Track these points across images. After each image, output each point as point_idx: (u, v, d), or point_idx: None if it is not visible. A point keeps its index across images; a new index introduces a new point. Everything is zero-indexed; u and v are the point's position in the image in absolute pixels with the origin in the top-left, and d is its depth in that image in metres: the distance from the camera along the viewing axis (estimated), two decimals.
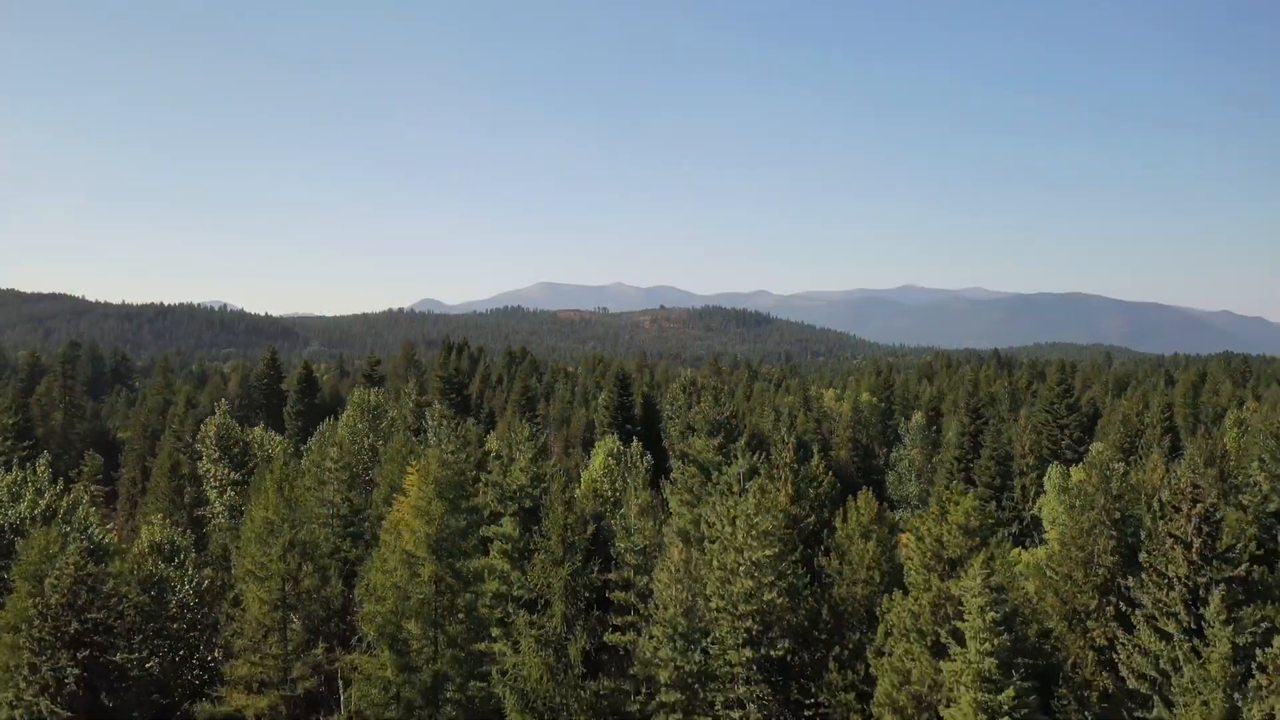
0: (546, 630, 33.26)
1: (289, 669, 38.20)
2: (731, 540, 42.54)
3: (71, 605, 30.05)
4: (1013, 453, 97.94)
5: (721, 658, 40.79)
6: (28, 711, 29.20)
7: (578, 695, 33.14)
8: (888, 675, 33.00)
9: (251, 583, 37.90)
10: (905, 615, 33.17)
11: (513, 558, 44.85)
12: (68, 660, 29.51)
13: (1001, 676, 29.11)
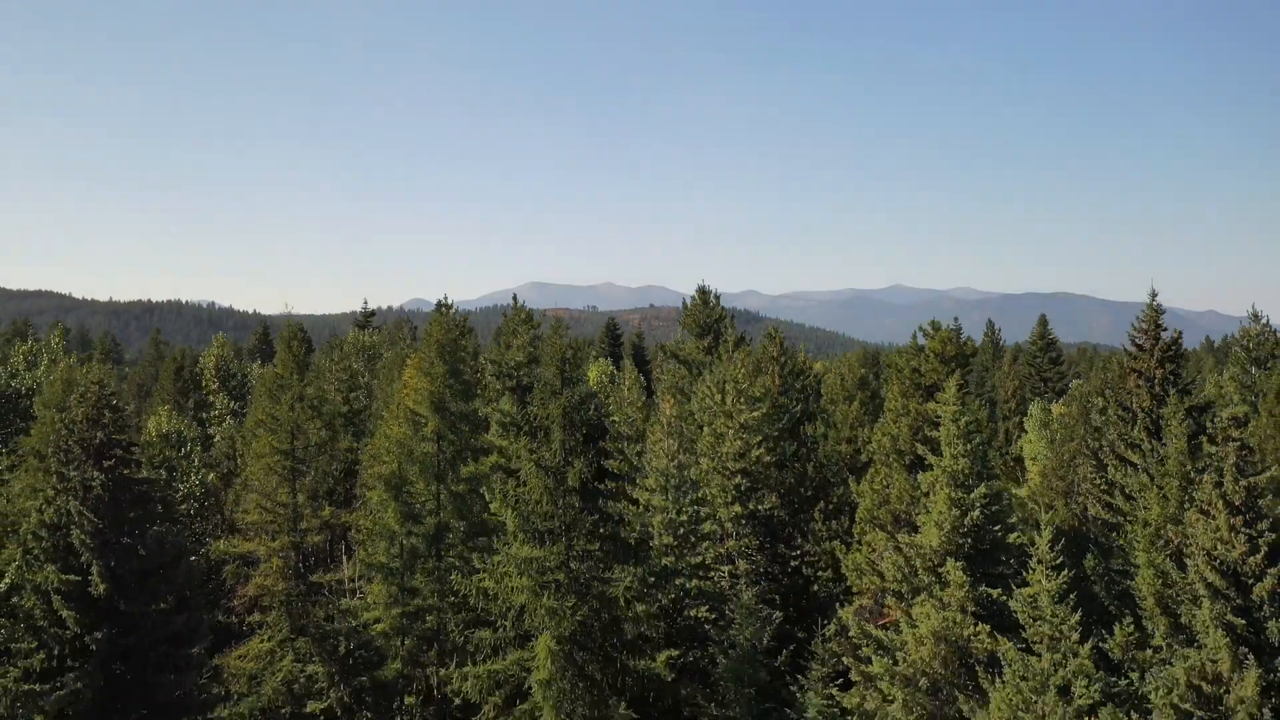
0: (545, 456, 34.97)
1: (298, 519, 39.86)
2: (720, 406, 44.46)
3: (96, 421, 31.67)
4: (996, 399, 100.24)
5: (711, 516, 42.65)
6: (57, 513, 30.80)
7: (577, 519, 34.85)
8: (868, 497, 34.89)
9: (262, 431, 39.65)
10: (885, 440, 35.09)
11: (511, 434, 46.57)
12: (93, 469, 31.13)
13: (973, 480, 31.02)
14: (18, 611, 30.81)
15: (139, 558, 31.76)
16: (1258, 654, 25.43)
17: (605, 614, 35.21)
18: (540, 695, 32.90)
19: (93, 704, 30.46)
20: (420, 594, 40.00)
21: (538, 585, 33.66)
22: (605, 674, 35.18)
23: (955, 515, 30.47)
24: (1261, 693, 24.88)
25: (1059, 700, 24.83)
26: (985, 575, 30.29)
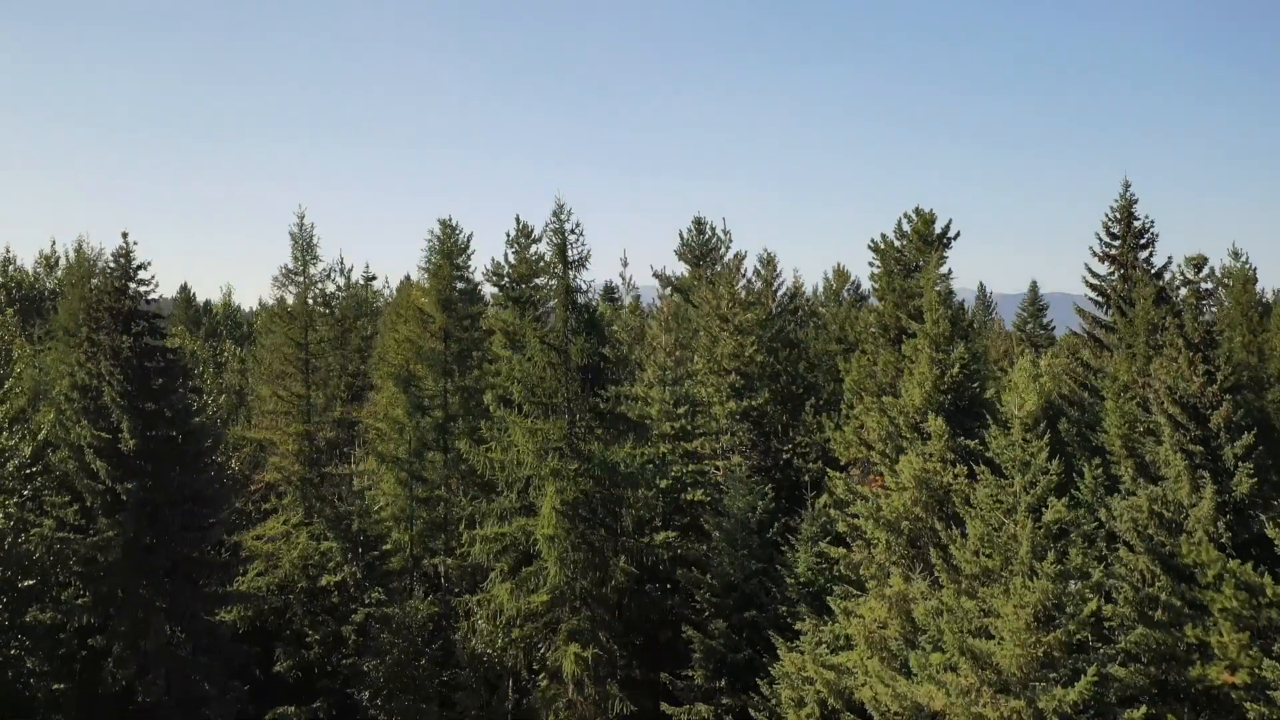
0: (548, 334, 36.84)
1: (311, 412, 41.68)
2: (716, 309, 46.33)
3: (122, 290, 33.43)
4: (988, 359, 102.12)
5: (706, 410, 44.56)
6: (89, 374, 32.60)
7: (579, 396, 36.75)
8: (855, 371, 36.75)
9: (277, 323, 41.47)
10: (870, 317, 36.98)
11: (514, 343, 48.41)
12: (121, 335, 32.89)
13: (952, 344, 32.90)
14: (52, 467, 32.63)
15: (165, 420, 33.54)
16: (1214, 477, 27.30)
17: (606, 483, 37.13)
18: (545, 550, 34.81)
19: (122, 555, 32.27)
20: (428, 482, 41.86)
21: (542, 450, 35.53)
22: (606, 544, 37.11)
23: (935, 374, 32.33)
24: (1217, 509, 26.79)
25: (1029, 519, 26.58)
26: (964, 429, 32.12)
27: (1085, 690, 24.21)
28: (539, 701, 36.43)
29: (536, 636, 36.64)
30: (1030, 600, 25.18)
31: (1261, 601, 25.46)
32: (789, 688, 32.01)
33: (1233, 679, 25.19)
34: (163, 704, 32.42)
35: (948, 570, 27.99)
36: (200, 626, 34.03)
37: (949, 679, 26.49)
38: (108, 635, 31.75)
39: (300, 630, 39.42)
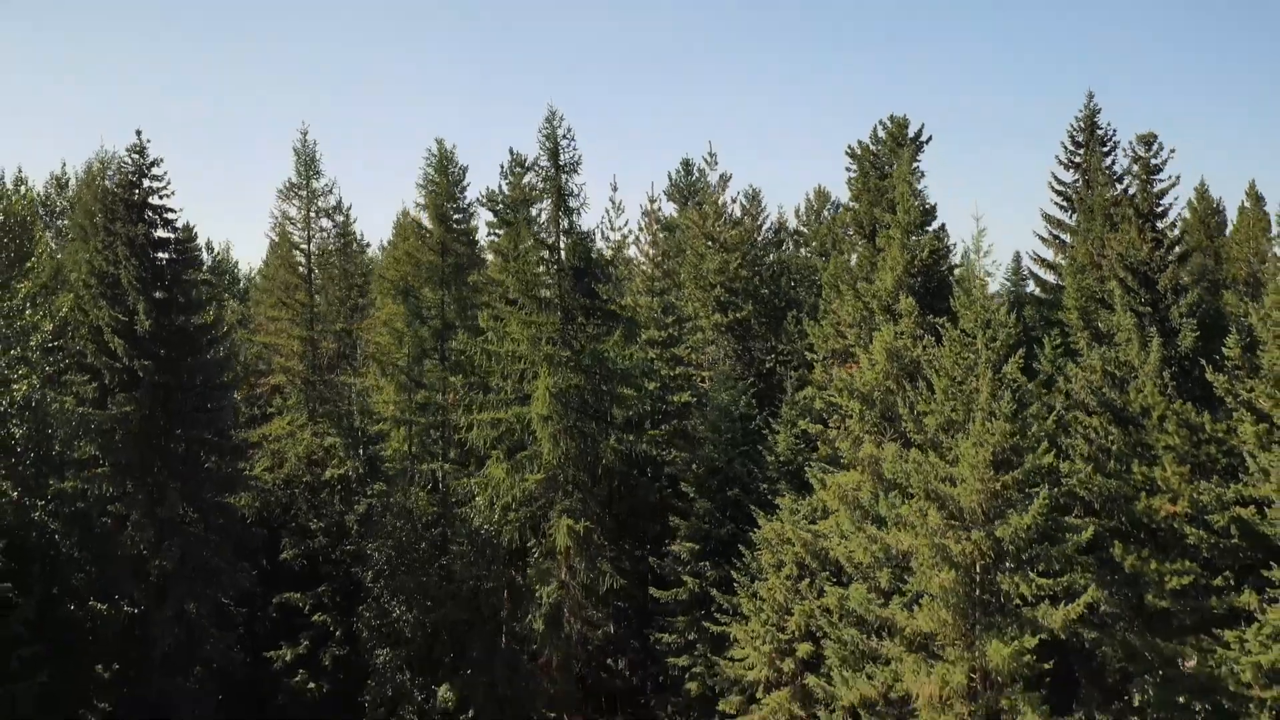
0: (540, 232, 38.83)
1: (314, 321, 43.52)
2: (702, 227, 48.30)
3: (137, 184, 35.20)
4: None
5: (694, 325, 46.54)
6: (106, 260, 34.39)
7: (572, 293, 38.73)
8: (831, 267, 38.80)
9: (281, 234, 43.29)
10: (847, 215, 39.01)
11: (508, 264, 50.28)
12: (137, 223, 34.68)
13: (922, 230, 34.97)
14: (70, 346, 34.43)
15: (177, 306, 35.37)
16: (1161, 333, 29.40)
17: (597, 377, 39.09)
18: (539, 430, 36.78)
19: (138, 431, 34.11)
20: (427, 388, 43.65)
21: (536, 339, 37.47)
22: (597, 432, 39.05)
23: (906, 259, 34.40)
24: (1163, 361, 28.89)
25: (989, 369, 28.59)
26: (933, 310, 34.15)
27: (1038, 515, 26.27)
28: (534, 578, 38.43)
29: (531, 518, 38.60)
30: (990, 441, 27.22)
31: (1201, 438, 27.62)
32: (769, 552, 34.03)
33: (1175, 509, 27.32)
34: (178, 573, 34.28)
35: (914, 422, 30.05)
36: (211, 505, 35.87)
37: (915, 519, 28.52)
38: (125, 503, 33.60)
39: (305, 523, 41.27)
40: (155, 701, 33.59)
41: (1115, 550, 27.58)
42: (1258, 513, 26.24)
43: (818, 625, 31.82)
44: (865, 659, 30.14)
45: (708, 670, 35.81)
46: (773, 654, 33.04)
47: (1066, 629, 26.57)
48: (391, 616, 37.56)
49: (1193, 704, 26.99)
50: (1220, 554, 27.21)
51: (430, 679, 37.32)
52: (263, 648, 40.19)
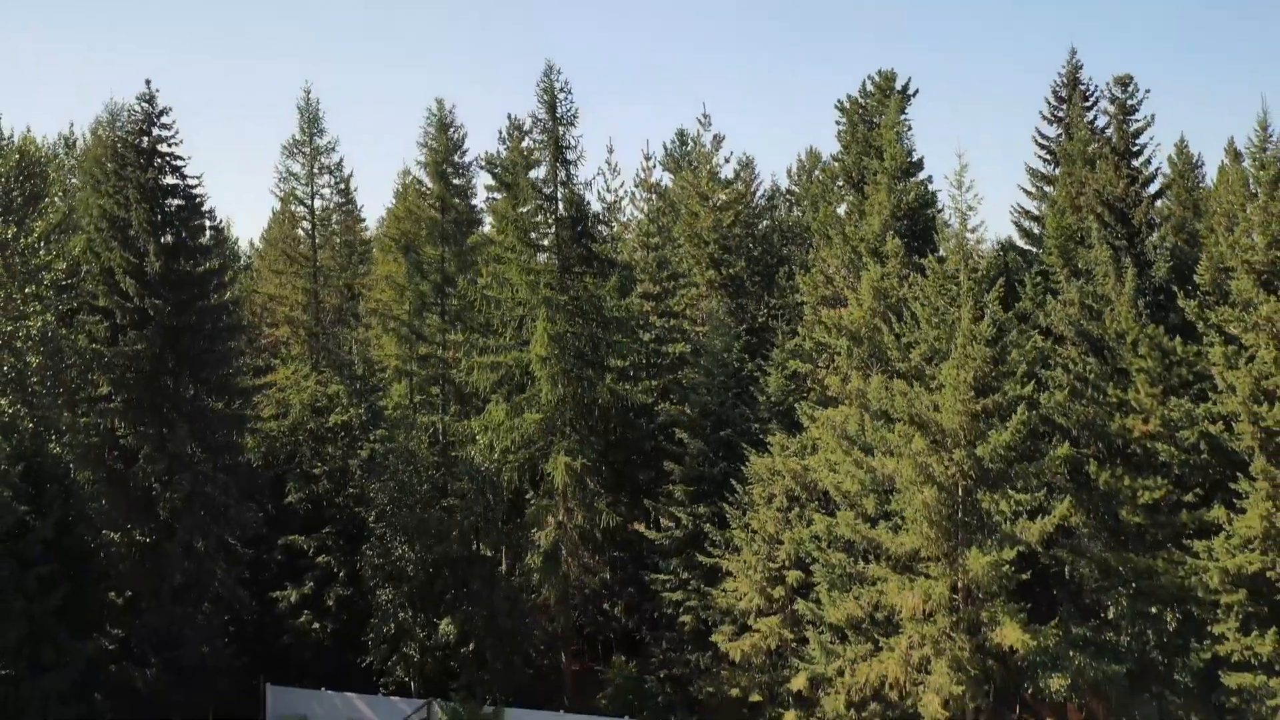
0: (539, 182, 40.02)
1: (316, 275, 44.61)
2: (696, 187, 49.44)
3: (146, 131, 36.25)
4: None
5: (688, 281, 47.69)
6: (116, 203, 35.47)
7: (568, 241, 39.87)
8: (821, 215, 39.95)
9: (284, 188, 44.45)
10: (835, 166, 40.20)
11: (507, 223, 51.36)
12: (147, 169, 35.75)
13: (909, 176, 36.16)
14: (82, 286, 35.49)
15: (185, 250, 36.42)
16: (1136, 265, 30.62)
17: (594, 325, 40.23)
18: (538, 369, 37.93)
19: (149, 370, 35.17)
20: (427, 340, 44.73)
21: (534, 284, 38.60)
22: (594, 377, 40.17)
23: (893, 203, 35.57)
24: (1137, 290, 30.10)
25: (970, 298, 29.71)
26: (919, 252, 35.34)
27: (1017, 432, 27.49)
28: (532, 517, 39.58)
29: (530, 460, 39.74)
30: (971, 365, 28.43)
31: (1172, 360, 28.82)
32: (760, 486, 35.19)
33: (1147, 428, 28.57)
34: (187, 509, 35.35)
35: (899, 351, 31.24)
36: (219, 444, 36.91)
37: (900, 443, 29.72)
38: (137, 438, 34.64)
39: (309, 469, 42.35)
40: (166, 632, 34.68)
41: (1090, 468, 28.79)
42: (1225, 429, 27.46)
43: (807, 552, 32.98)
44: (852, 581, 31.32)
45: (701, 604, 36.93)
46: (763, 582, 34.21)
47: (1043, 541, 27.81)
48: (394, 555, 38.63)
49: (1164, 613, 28.23)
50: (1191, 470, 28.46)
51: (432, 614, 38.41)
52: (268, 589, 41.26)
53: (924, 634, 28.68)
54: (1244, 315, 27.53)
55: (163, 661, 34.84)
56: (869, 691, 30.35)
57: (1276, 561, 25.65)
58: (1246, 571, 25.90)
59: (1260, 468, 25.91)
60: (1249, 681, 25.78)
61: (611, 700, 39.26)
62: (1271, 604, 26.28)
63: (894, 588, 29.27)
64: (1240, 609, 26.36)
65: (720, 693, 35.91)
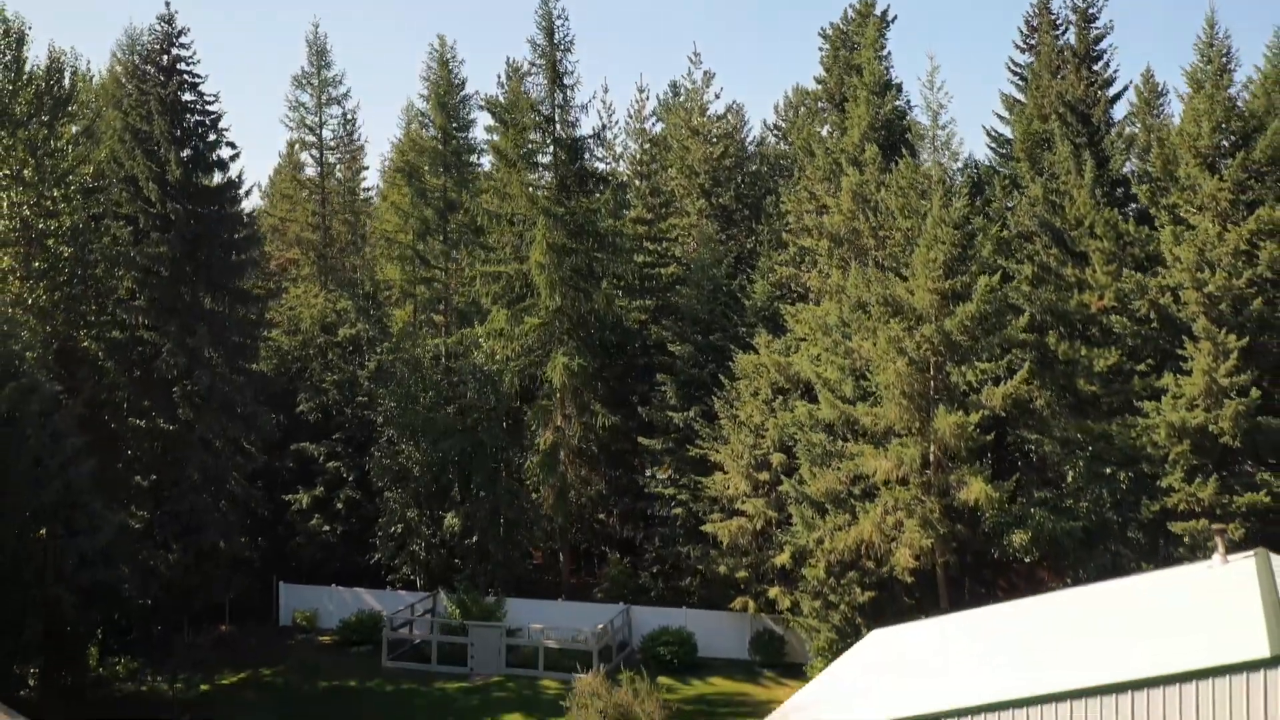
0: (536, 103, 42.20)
1: (325, 199, 46.71)
2: (687, 121, 51.61)
3: (166, 50, 38.33)
4: None
5: (680, 209, 49.89)
6: (139, 115, 37.56)
7: (564, 161, 42.07)
8: (803, 132, 42.13)
9: (293, 114, 46.60)
10: (819, 89, 42.39)
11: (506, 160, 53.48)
12: (167, 84, 37.82)
13: (886, 91, 38.35)
14: (107, 196, 37.60)
15: (203, 164, 38.55)
16: (1095, 160, 32.86)
17: (590, 241, 42.38)
18: (537, 275, 40.11)
19: (171, 272, 37.29)
20: (430, 263, 46.89)
21: (533, 197, 40.78)
22: (591, 287, 42.29)
23: (871, 114, 37.75)
24: (1095, 181, 32.36)
25: (941, 185, 31.90)
26: (896, 161, 37.50)
27: (982, 302, 29.74)
28: (532, 420, 41.77)
29: (530, 367, 41.91)
30: (941, 249, 30.67)
31: (1125, 241, 31.08)
32: (746, 382, 37.40)
33: (1102, 303, 30.81)
34: (206, 405, 37.48)
35: (874, 238, 33.47)
36: (235, 346, 39.04)
37: (877, 325, 31.94)
38: (159, 335, 36.76)
39: (318, 381, 44.47)
40: (187, 519, 36.83)
41: (1050, 340, 31.04)
42: (1174, 300, 29.72)
43: (790, 435, 35.21)
44: (831, 457, 33.52)
45: (692, 497, 39.11)
46: (750, 468, 36.42)
47: (1006, 407, 30.07)
48: (401, 456, 40.80)
49: (1117, 474, 30.50)
50: (1142, 342, 30.73)
51: (437, 509, 40.61)
52: (281, 494, 43.43)
53: (897, 498, 30.91)
54: (1190, 196, 29.77)
55: (183, 547, 37.03)
56: (847, 557, 32.55)
57: (1218, 415, 27.90)
58: (1190, 425, 28.13)
59: (1202, 327, 28.15)
60: (1194, 527, 28.02)
61: (607, 594, 41.55)
62: (1212, 454, 28.56)
63: (870, 455, 31.48)
64: (1185, 461, 28.60)
65: (710, 574, 38.14)
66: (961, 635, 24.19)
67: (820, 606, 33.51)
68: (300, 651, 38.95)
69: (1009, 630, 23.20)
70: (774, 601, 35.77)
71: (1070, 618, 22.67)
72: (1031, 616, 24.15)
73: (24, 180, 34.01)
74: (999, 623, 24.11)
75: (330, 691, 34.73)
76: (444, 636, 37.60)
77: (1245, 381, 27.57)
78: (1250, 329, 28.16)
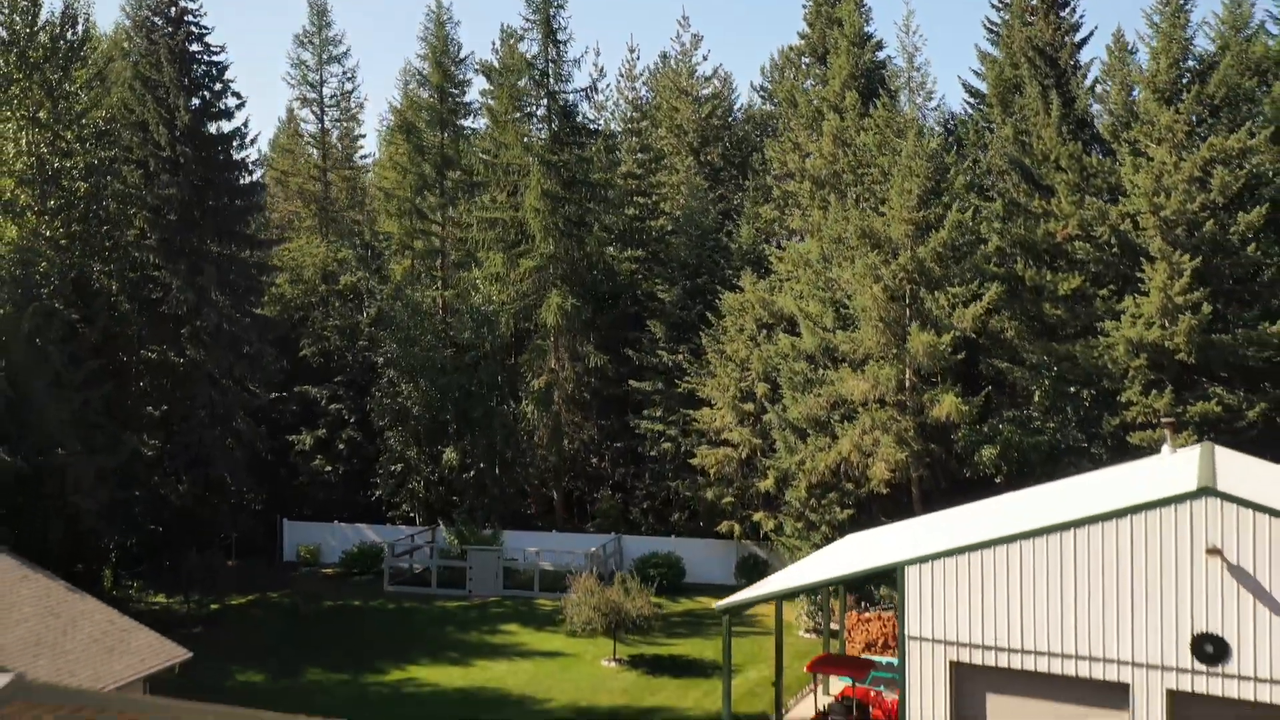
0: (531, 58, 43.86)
1: (327, 154, 48.22)
2: (676, 83, 53.25)
3: (170, 4, 39.83)
4: None
5: (670, 166, 51.54)
6: (148, 64, 39.07)
7: (559, 113, 43.72)
8: (786, 85, 43.84)
9: (295, 73, 48.10)
10: (803, 45, 44.13)
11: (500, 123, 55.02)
12: (174, 35, 39.34)
13: (867, 42, 40.09)
14: (119, 141, 39.08)
15: (210, 112, 40.04)
16: (1061, 100, 34.62)
17: (583, 190, 44.04)
18: (531, 220, 41.78)
19: (180, 213, 38.79)
20: (426, 216, 48.47)
21: (528, 145, 42.42)
22: (583, 233, 43.94)
23: (851, 64, 39.50)
24: (1061, 118, 34.12)
25: (915, 122, 33.71)
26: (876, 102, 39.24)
27: (952, 228, 31.52)
28: (527, 363, 43.45)
29: (525, 310, 43.57)
30: (915, 181, 32.42)
31: (1088, 172, 32.90)
32: (732, 319, 39.12)
33: (1066, 231, 32.62)
34: (214, 343, 39.00)
35: (853, 173, 35.19)
36: (241, 287, 40.54)
37: (856, 254, 33.69)
38: (170, 272, 38.27)
39: (321, 329, 46.05)
40: (196, 451, 38.34)
41: (1018, 267, 32.85)
42: (1133, 225, 31.53)
43: (773, 366, 36.95)
44: (813, 384, 35.27)
45: (682, 432, 40.81)
46: (735, 400, 38.15)
47: (976, 326, 31.86)
48: (401, 395, 42.41)
49: (1081, 392, 32.33)
50: (1104, 268, 32.54)
51: (436, 446, 42.23)
52: (285, 435, 45.00)
53: (874, 418, 32.66)
54: (1149, 130, 31.58)
55: (192, 479, 38.57)
56: (827, 478, 34.31)
57: (1173, 331, 29.71)
58: (1147, 340, 29.93)
59: (1158, 247, 29.96)
60: (1151, 437, 29.83)
61: (598, 528, 43.24)
62: (1170, 372, 30.36)
63: (848, 378, 33.23)
64: (1143, 376, 30.41)
65: (698, 505, 39.89)
66: (930, 524, 26.03)
67: (802, 527, 35.26)
68: (304, 582, 40.57)
69: (974, 514, 25.03)
70: (758, 525, 37.54)
71: (1031, 502, 24.49)
72: (996, 505, 26.01)
73: (40, 122, 35.47)
74: (966, 512, 25.95)
75: (334, 610, 36.36)
76: (444, 561, 39.27)
77: (1198, 299, 29.37)
78: (1204, 251, 29.95)
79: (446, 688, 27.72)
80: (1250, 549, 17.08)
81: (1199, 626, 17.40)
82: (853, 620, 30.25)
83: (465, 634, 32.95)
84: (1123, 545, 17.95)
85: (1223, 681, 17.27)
